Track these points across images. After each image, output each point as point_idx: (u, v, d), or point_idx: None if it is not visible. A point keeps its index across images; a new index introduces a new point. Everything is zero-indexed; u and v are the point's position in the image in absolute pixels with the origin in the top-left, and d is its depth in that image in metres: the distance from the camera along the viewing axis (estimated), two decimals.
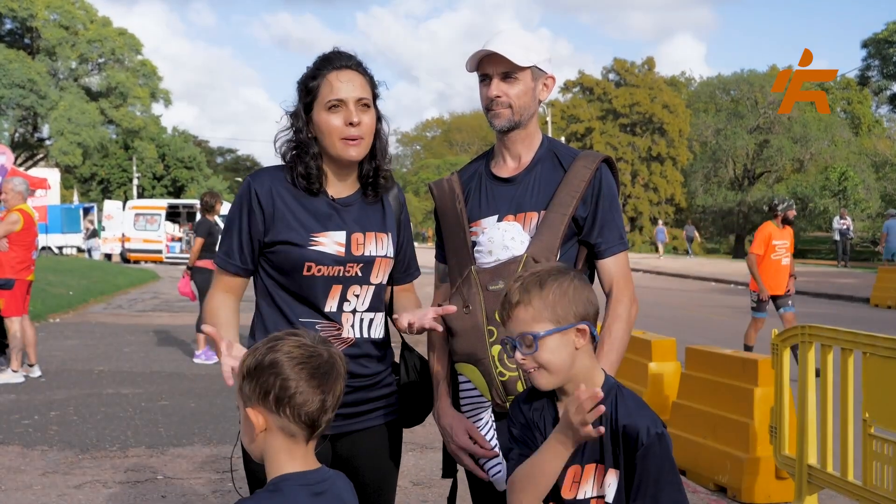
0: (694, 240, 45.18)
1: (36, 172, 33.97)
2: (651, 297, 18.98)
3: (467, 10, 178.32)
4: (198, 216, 10.76)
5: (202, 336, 10.05)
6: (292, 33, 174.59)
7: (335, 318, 2.40)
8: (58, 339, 11.74)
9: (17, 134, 48.70)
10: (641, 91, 59.27)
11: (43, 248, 27.38)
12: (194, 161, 59.49)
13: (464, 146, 77.77)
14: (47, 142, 49.46)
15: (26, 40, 48.99)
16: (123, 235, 35.24)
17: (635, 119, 59.74)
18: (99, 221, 38.18)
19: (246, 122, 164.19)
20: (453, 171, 2.69)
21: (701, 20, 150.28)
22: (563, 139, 52.42)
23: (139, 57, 51.46)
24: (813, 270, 27.13)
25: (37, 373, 8.87)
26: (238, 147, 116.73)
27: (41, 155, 50.46)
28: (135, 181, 55.78)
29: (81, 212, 36.74)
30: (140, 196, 52.76)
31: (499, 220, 2.48)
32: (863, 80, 56.17)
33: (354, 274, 2.41)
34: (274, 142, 2.48)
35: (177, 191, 57.76)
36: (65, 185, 49.47)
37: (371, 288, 2.44)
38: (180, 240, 34.54)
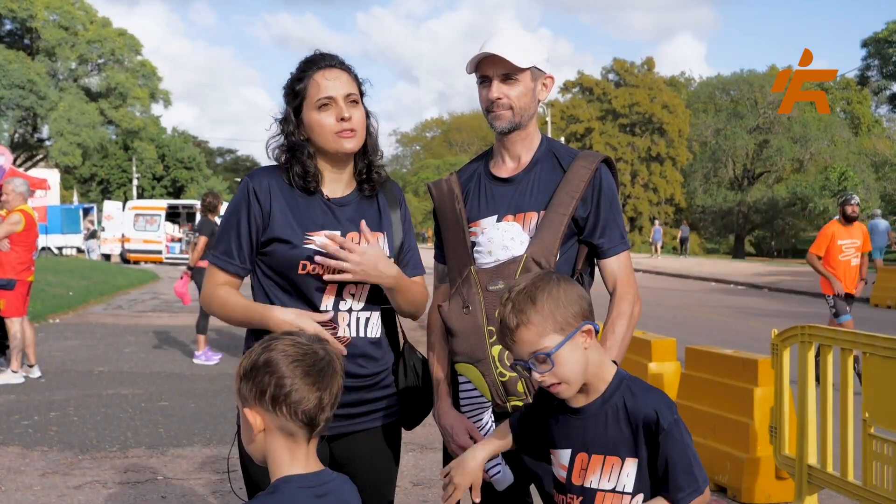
0: (688, 240, 45.43)
1: (35, 173, 33.96)
2: (651, 297, 18.98)
3: (467, 10, 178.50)
4: (198, 216, 10.75)
5: (202, 337, 10.06)
6: (293, 33, 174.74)
7: (332, 319, 2.39)
8: (57, 340, 11.74)
9: (17, 134, 48.68)
10: (641, 91, 59.28)
11: (42, 249, 27.38)
12: (194, 161, 59.50)
13: (463, 146, 77.78)
14: (47, 142, 49.44)
15: (26, 41, 48.97)
16: (123, 236, 35.23)
17: (635, 119, 59.75)
18: (98, 222, 38.18)
19: (246, 123, 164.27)
20: (452, 172, 2.69)
21: (701, 20, 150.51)
22: (563, 139, 52.43)
23: (139, 57, 51.43)
24: (813, 270, 27.09)
25: (36, 373, 8.87)
26: (238, 147, 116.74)
27: (41, 155, 50.43)
28: (134, 182, 55.79)
29: (81, 212, 36.74)
30: (140, 196, 52.78)
31: (498, 221, 2.48)
32: (862, 80, 56.21)
33: None
34: (266, 148, 2.50)
35: (176, 191, 57.77)
36: (64, 186, 49.48)
37: (367, 287, 2.44)
38: (180, 240, 34.52)
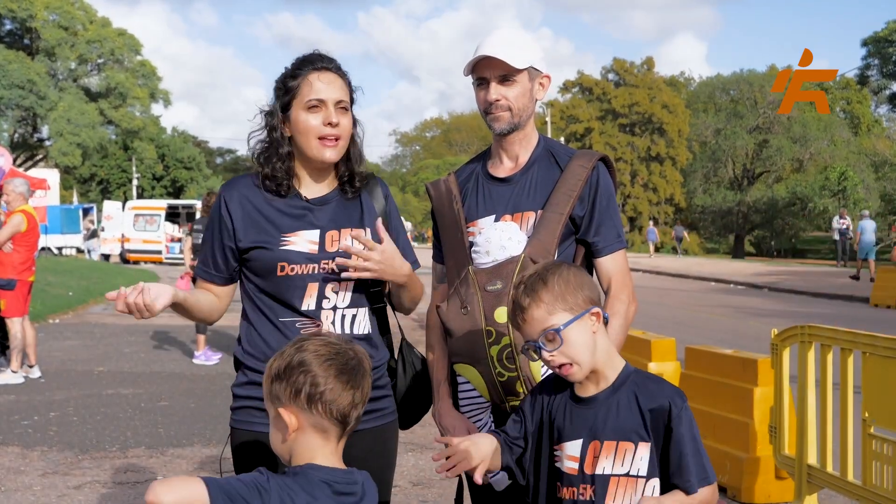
0: (683, 239, 45.70)
1: (35, 173, 33.94)
2: (651, 297, 18.97)
3: (468, 10, 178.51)
4: (198, 216, 10.74)
5: (202, 337, 10.06)
6: (294, 33, 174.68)
7: (314, 316, 2.38)
8: (57, 340, 11.74)
9: (17, 134, 48.66)
10: (641, 91, 59.26)
11: (42, 249, 27.35)
12: (194, 161, 59.49)
13: (463, 146, 77.78)
14: (47, 142, 49.42)
15: (26, 41, 48.94)
16: (123, 236, 35.23)
17: (634, 119, 59.73)
18: (98, 222, 38.16)
19: (247, 123, 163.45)
20: (450, 172, 2.69)
21: (703, 20, 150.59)
22: (563, 139, 52.44)
23: (138, 57, 51.40)
24: (813, 270, 27.14)
25: (36, 373, 8.87)
26: (238, 147, 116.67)
27: (41, 155, 50.41)
28: (134, 182, 55.78)
29: (81, 212, 36.72)
30: (139, 196, 52.74)
31: (496, 221, 2.48)
32: (862, 80, 56.21)
33: (331, 271, 2.39)
34: (248, 140, 2.49)
35: (176, 191, 57.76)
36: (64, 186, 49.47)
37: (350, 284, 2.42)
38: (180, 240, 34.49)
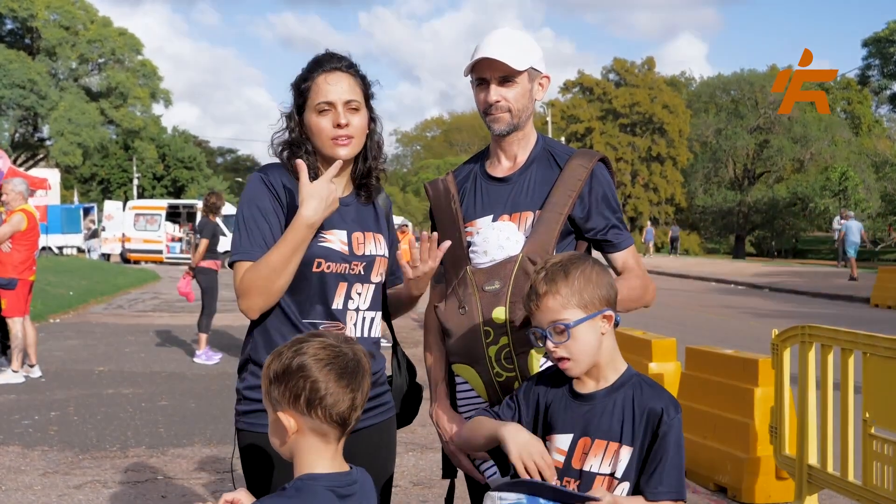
0: (678, 239, 46.55)
1: (36, 173, 33.88)
2: None
3: (470, 10, 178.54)
4: (198, 216, 10.74)
5: (203, 336, 10.06)
6: (296, 33, 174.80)
7: (340, 317, 2.40)
8: (58, 340, 11.74)
9: (18, 134, 48.71)
10: (641, 91, 59.24)
11: (43, 249, 27.36)
12: (194, 161, 59.53)
13: (464, 146, 77.77)
14: (47, 142, 49.48)
15: (26, 40, 49.00)
16: (123, 236, 35.24)
17: (635, 119, 59.71)
18: (99, 221, 38.18)
19: (248, 122, 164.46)
20: (448, 171, 2.69)
21: (705, 20, 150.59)
22: (563, 139, 52.45)
23: (139, 57, 51.47)
24: (813, 271, 27.13)
25: (37, 373, 8.88)
26: (239, 147, 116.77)
27: (41, 155, 50.48)
28: (135, 181, 55.80)
29: (81, 212, 36.73)
30: (140, 196, 52.78)
31: (494, 221, 2.47)
32: (863, 80, 56.20)
33: (358, 272, 2.42)
34: (270, 142, 2.49)
35: (177, 191, 57.80)
36: (65, 186, 49.45)
37: (372, 287, 2.46)
38: (180, 240, 34.52)
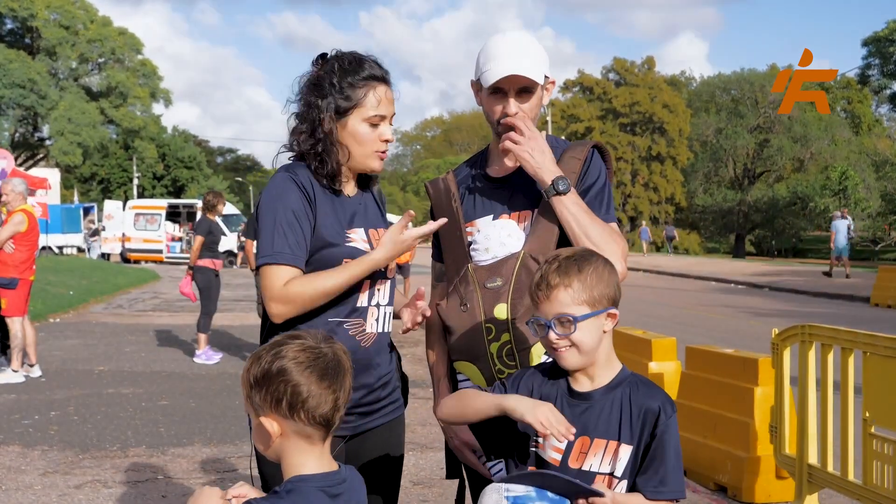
0: (673, 238, 47.16)
1: (36, 172, 33.93)
2: (651, 297, 18.98)
3: (470, 10, 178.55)
4: (198, 215, 10.74)
5: (202, 336, 10.06)
6: (297, 33, 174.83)
7: (362, 314, 2.44)
8: (58, 339, 11.74)
9: (18, 134, 48.72)
10: (641, 91, 59.26)
11: (43, 248, 27.37)
12: (194, 161, 59.54)
13: (464, 146, 77.77)
14: (47, 142, 49.48)
15: (26, 40, 49.01)
16: (124, 235, 35.26)
17: (635, 119, 59.74)
18: (99, 221, 38.19)
19: (248, 122, 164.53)
20: (449, 171, 2.69)
21: (706, 19, 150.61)
22: (564, 139, 52.36)
23: (139, 56, 51.49)
24: (813, 270, 27.11)
25: (37, 373, 8.88)
26: (239, 147, 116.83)
27: (41, 155, 50.48)
28: (135, 181, 55.81)
29: (81, 212, 36.74)
30: (140, 196, 52.79)
31: (494, 220, 2.48)
32: (863, 80, 56.19)
33: (379, 269, 2.46)
34: (290, 131, 2.45)
35: (177, 191, 57.81)
36: (65, 185, 49.48)
37: (388, 282, 2.53)
38: (180, 240, 34.53)
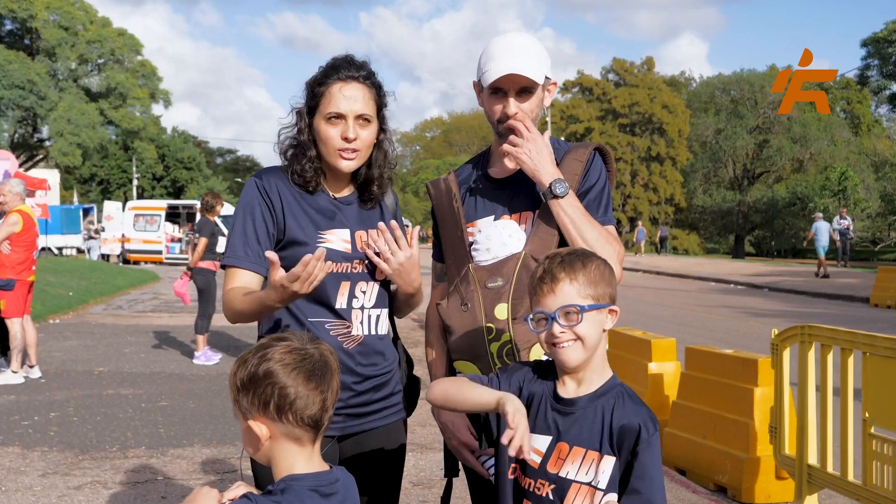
0: (666, 239, 48.31)
1: (36, 173, 33.96)
2: (651, 297, 18.99)
3: (470, 10, 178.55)
4: (198, 216, 10.73)
5: (200, 337, 10.06)
6: (297, 33, 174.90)
7: (345, 316, 2.42)
8: (57, 340, 11.74)
9: (17, 135, 48.69)
10: (641, 91, 59.27)
11: (42, 249, 27.37)
12: (194, 162, 59.55)
13: (463, 146, 77.77)
14: (47, 143, 49.46)
15: (26, 41, 49.00)
16: (123, 236, 35.25)
17: (635, 119, 59.74)
18: (98, 222, 38.17)
19: (249, 123, 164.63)
20: (450, 171, 2.70)
21: (706, 19, 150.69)
22: (563, 139, 52.37)
23: (139, 57, 51.46)
24: (813, 270, 27.12)
25: (36, 374, 8.87)
26: (239, 147, 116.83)
27: (41, 156, 50.45)
28: (134, 182, 55.82)
29: (81, 213, 36.74)
30: (140, 197, 52.80)
31: (495, 221, 2.48)
32: (862, 80, 56.20)
33: (361, 270, 2.45)
34: (278, 135, 2.50)
35: (176, 191, 57.82)
36: (64, 186, 49.48)
37: (377, 285, 2.48)
38: (180, 240, 34.52)
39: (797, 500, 4.63)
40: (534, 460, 2.00)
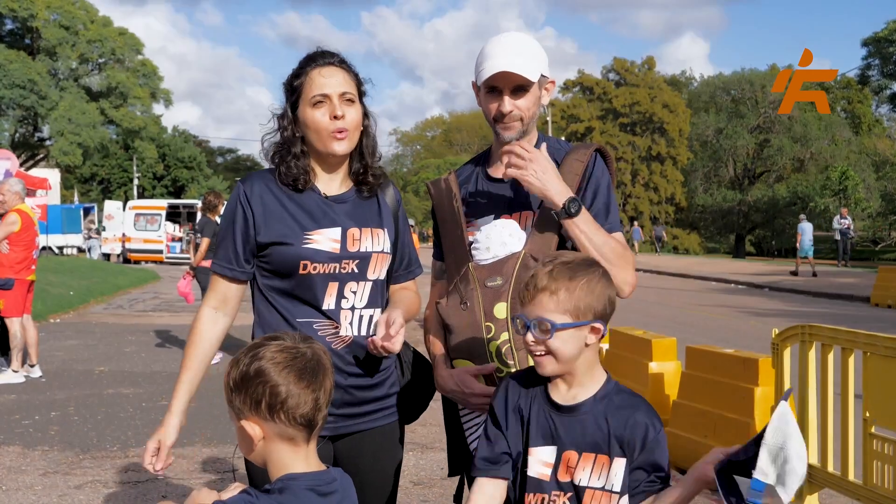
0: (662, 237, 48.40)
1: (36, 173, 34.00)
2: (651, 297, 18.98)
3: (472, 10, 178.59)
4: (199, 216, 10.74)
5: None
6: (299, 32, 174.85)
7: (333, 317, 2.40)
8: (58, 340, 11.74)
9: (18, 134, 48.69)
10: (641, 91, 59.28)
11: (43, 249, 27.36)
12: (194, 161, 59.59)
13: (464, 146, 77.75)
14: (48, 142, 49.44)
15: (27, 40, 48.96)
16: (124, 235, 35.27)
17: (635, 119, 59.76)
18: (99, 221, 38.19)
19: (250, 122, 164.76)
20: (450, 171, 2.70)
21: (707, 19, 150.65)
22: (564, 139, 52.38)
23: (139, 57, 51.45)
24: (812, 270, 27.10)
25: (37, 373, 8.87)
26: (240, 147, 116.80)
27: (41, 155, 50.44)
28: (135, 181, 55.85)
29: (82, 212, 36.75)
30: (140, 196, 52.83)
31: (495, 220, 2.48)
32: (863, 80, 56.18)
33: (350, 270, 2.41)
34: (261, 143, 2.51)
35: (177, 191, 57.85)
36: (65, 186, 49.51)
37: (368, 284, 2.45)
38: (181, 240, 34.53)
39: (797, 500, 4.63)
40: (543, 473, 1.97)
